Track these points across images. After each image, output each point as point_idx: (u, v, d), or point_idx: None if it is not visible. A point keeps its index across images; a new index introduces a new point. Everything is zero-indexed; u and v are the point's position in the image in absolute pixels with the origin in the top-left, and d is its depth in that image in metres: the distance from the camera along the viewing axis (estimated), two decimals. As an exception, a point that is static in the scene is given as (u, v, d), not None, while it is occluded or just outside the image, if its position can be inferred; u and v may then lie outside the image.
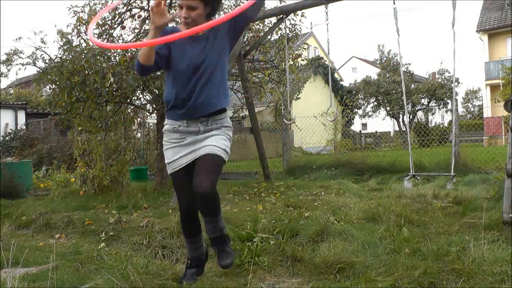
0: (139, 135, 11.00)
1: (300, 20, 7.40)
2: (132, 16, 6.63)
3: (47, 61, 6.22)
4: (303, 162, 8.79)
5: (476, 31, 23.24)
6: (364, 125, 32.95)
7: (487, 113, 22.52)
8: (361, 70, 35.97)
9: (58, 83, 5.75)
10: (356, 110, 24.83)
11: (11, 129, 15.23)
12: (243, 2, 6.91)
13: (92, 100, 5.69)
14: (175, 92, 2.28)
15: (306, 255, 2.74)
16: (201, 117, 2.31)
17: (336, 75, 26.08)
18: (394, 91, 24.11)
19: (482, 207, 3.69)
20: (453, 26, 4.42)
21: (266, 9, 6.47)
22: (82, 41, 6.06)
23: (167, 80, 2.36)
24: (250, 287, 2.33)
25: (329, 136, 13.31)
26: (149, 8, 2.32)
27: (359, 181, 7.04)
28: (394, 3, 4.67)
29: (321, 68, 22.70)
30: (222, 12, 6.84)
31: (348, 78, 31.55)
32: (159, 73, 5.64)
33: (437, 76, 27.62)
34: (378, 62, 28.39)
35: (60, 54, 5.89)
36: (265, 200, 5.02)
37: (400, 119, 25.27)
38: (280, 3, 6.33)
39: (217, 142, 2.30)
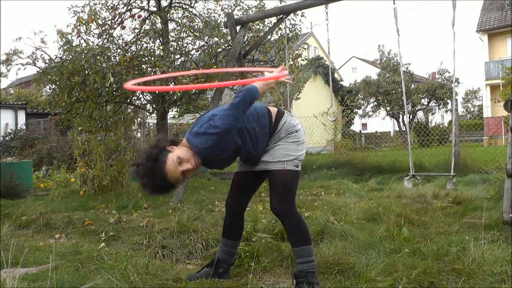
0: (139, 135, 10.99)
1: (300, 20, 7.41)
2: (132, 16, 6.62)
3: (47, 61, 6.21)
4: (303, 162, 8.75)
5: (476, 31, 23.23)
6: (364, 125, 32.95)
7: (487, 113, 22.52)
8: (361, 70, 35.95)
9: (58, 83, 5.75)
10: (356, 110, 24.84)
11: (11, 129, 15.22)
12: (243, 2, 6.91)
13: (92, 100, 5.69)
14: None
15: (306, 255, 2.74)
16: None
17: (336, 75, 26.09)
18: (394, 91, 24.11)
19: (482, 207, 3.69)
20: (453, 26, 4.42)
21: (266, 9, 6.46)
22: (82, 41, 6.05)
23: None
24: (250, 287, 2.32)
25: (329, 136, 13.32)
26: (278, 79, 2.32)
27: (359, 181, 7.04)
28: (394, 3, 4.67)
29: (321, 68, 22.70)
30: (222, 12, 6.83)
31: (348, 78, 31.55)
32: (159, 73, 5.64)
33: (437, 76, 27.62)
34: (378, 62, 28.38)
35: (60, 54, 5.89)
36: (265, 200, 5.01)
37: (400, 119, 25.28)
38: (280, 3, 6.33)
39: (272, 157, 2.31)
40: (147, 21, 6.68)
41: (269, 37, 6.76)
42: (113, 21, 6.45)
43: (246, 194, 2.48)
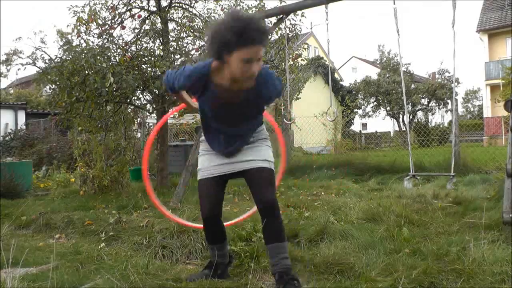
0: (139, 135, 10.99)
1: (300, 20, 7.40)
2: (132, 16, 6.62)
3: (47, 61, 6.21)
4: (303, 162, 8.79)
5: (476, 31, 23.25)
6: (364, 125, 32.95)
7: (487, 113, 22.53)
8: (361, 70, 35.95)
9: (58, 83, 5.74)
10: (356, 110, 24.85)
11: (11, 129, 15.21)
12: (243, 2, 6.90)
13: (92, 100, 5.69)
14: None
15: (306, 255, 2.74)
16: None
17: (336, 75, 26.10)
18: (394, 91, 24.12)
19: (482, 207, 3.70)
20: (453, 26, 4.42)
21: (266, 9, 6.45)
22: (82, 41, 6.05)
23: None
24: (250, 287, 2.32)
25: (329, 136, 13.32)
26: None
27: (359, 181, 7.04)
28: (394, 3, 4.67)
29: (321, 68, 22.72)
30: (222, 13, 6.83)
31: (348, 78, 31.55)
32: (159, 73, 5.64)
33: (437, 76, 27.63)
34: (378, 62, 28.38)
35: (60, 54, 5.89)
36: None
37: (400, 119, 25.29)
38: (280, 3, 6.32)
39: (259, 156, 2.31)
40: (147, 21, 6.67)
41: (269, 37, 6.75)
42: (113, 21, 6.44)
43: (219, 200, 2.42)
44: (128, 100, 6.48)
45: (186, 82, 2.20)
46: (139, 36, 6.44)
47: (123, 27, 6.56)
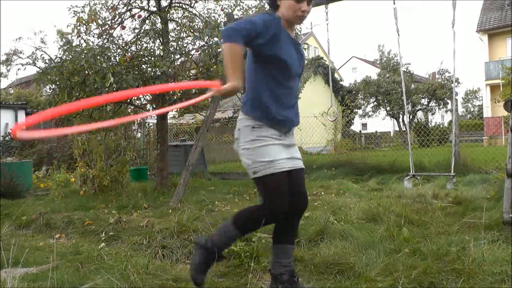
0: (139, 135, 10.99)
1: (300, 20, 7.38)
2: (132, 16, 6.62)
3: (47, 61, 6.21)
4: (303, 162, 8.77)
5: (476, 31, 23.24)
6: (364, 125, 32.95)
7: (487, 113, 22.53)
8: (361, 70, 35.94)
9: (58, 83, 5.75)
10: (356, 110, 24.84)
11: (11, 129, 15.21)
12: (242, 2, 6.91)
13: (92, 100, 5.68)
14: None
15: (306, 255, 2.75)
16: None
17: (336, 75, 26.10)
18: (394, 91, 24.12)
19: (482, 207, 3.69)
20: (453, 26, 4.43)
21: (266, 9, 6.45)
22: (82, 41, 6.05)
23: None
24: (250, 287, 2.33)
25: (329, 136, 13.31)
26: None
27: (359, 181, 7.04)
28: (394, 3, 4.68)
29: (321, 68, 22.72)
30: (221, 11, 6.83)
31: (348, 78, 31.56)
32: (159, 73, 5.64)
33: (437, 76, 27.62)
34: (378, 62, 28.38)
35: (60, 54, 5.89)
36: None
37: (400, 119, 25.29)
38: (280, 3, 6.32)
39: (300, 155, 2.34)
40: (147, 21, 6.68)
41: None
42: (113, 21, 6.44)
43: None
44: (128, 100, 6.49)
45: (268, 18, 2.06)
46: (139, 36, 6.45)
47: (123, 27, 6.56)
